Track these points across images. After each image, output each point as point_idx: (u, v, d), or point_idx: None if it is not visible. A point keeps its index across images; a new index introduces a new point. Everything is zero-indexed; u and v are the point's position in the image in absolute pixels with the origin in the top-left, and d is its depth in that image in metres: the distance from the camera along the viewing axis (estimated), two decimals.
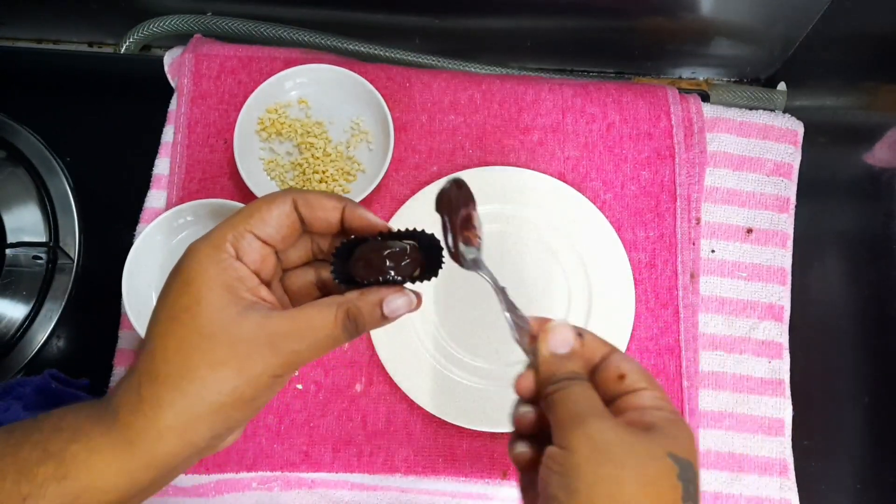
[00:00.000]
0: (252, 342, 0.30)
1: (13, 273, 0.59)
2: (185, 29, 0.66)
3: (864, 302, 0.52)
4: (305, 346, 0.31)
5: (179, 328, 0.30)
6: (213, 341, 0.30)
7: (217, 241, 0.31)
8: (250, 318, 0.30)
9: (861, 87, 0.55)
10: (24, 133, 0.63)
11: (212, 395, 0.30)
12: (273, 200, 0.33)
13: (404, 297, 0.33)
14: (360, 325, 0.32)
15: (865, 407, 0.51)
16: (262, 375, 0.30)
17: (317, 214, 0.33)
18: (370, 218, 0.34)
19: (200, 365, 0.30)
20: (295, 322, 0.31)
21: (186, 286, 0.31)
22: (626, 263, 0.57)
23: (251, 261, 0.32)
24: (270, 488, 0.53)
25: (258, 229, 0.32)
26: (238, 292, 0.31)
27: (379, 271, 0.32)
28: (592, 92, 0.61)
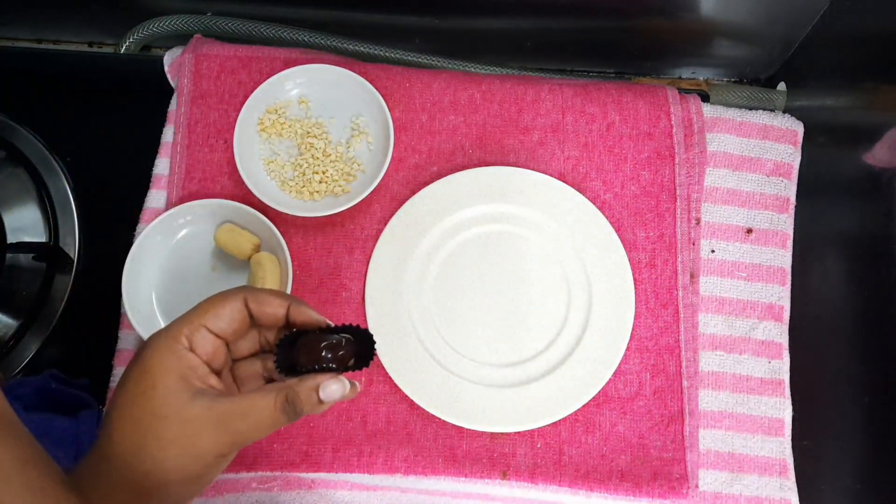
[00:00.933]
0: (201, 423, 0.33)
1: (13, 273, 0.59)
2: (185, 29, 0.66)
3: (863, 302, 0.52)
4: (248, 426, 0.34)
5: (136, 411, 0.33)
6: (165, 422, 0.33)
7: (174, 333, 0.35)
8: (200, 402, 0.34)
9: (861, 87, 0.55)
10: (23, 133, 0.63)
11: (159, 473, 0.33)
12: (226, 298, 0.36)
13: (339, 383, 0.36)
14: (299, 409, 0.35)
15: (865, 407, 0.51)
16: (208, 454, 0.33)
17: (265, 310, 0.37)
18: (312, 315, 0.38)
19: (151, 445, 0.33)
20: (240, 405, 0.34)
21: (144, 373, 0.34)
22: (625, 263, 0.57)
23: (203, 352, 0.35)
24: (270, 488, 0.53)
25: (211, 324, 0.36)
26: (190, 380, 0.34)
27: (317, 360, 0.36)
28: (592, 92, 0.61)
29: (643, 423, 0.54)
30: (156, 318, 0.56)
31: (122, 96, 0.65)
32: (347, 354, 0.37)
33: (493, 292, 0.57)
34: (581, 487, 0.53)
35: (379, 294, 0.56)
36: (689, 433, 0.54)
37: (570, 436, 0.54)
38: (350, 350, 0.37)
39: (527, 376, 0.55)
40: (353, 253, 0.58)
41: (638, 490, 0.53)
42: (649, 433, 0.54)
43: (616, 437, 0.54)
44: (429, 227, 0.58)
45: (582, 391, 0.54)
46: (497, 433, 0.54)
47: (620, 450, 0.54)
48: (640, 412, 0.55)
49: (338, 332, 0.38)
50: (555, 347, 0.56)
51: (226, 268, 0.57)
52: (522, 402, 0.54)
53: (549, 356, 0.55)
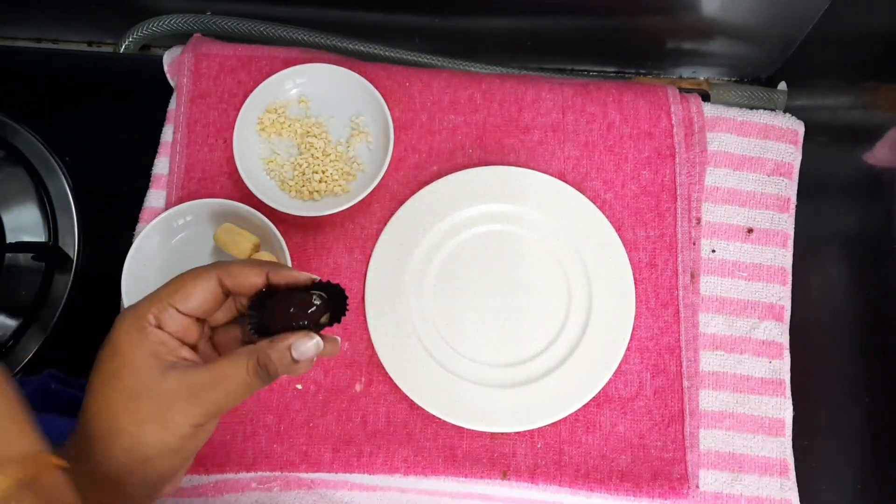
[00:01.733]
0: (173, 396, 0.33)
1: (12, 273, 0.59)
2: (184, 28, 0.66)
3: (864, 302, 0.52)
4: (222, 394, 0.34)
5: (109, 391, 0.34)
6: (138, 400, 0.33)
7: (141, 312, 0.35)
8: (171, 376, 0.34)
9: (862, 87, 0.55)
10: (23, 133, 0.63)
11: (139, 448, 0.33)
12: (197, 278, 0.36)
13: (311, 340, 0.36)
14: (273, 371, 0.35)
15: (866, 407, 0.51)
16: (183, 425, 0.34)
17: (241, 283, 0.36)
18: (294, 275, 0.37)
19: (127, 423, 0.33)
20: (211, 373, 0.34)
21: (114, 354, 0.34)
22: (626, 263, 0.57)
23: (172, 330, 0.35)
24: (270, 488, 0.53)
25: (180, 304, 0.35)
26: (160, 355, 0.34)
27: (290, 319, 0.36)
28: (593, 91, 0.61)
29: (643, 423, 0.54)
30: None
31: (121, 96, 0.65)
32: (320, 311, 0.36)
33: (493, 292, 0.57)
34: (581, 488, 0.53)
35: (379, 294, 0.56)
36: (689, 433, 0.54)
37: (571, 436, 0.54)
38: (321, 307, 0.37)
39: (527, 376, 0.55)
40: (353, 253, 0.58)
41: (638, 490, 0.53)
42: (650, 433, 0.54)
43: (616, 438, 0.54)
44: (429, 227, 0.58)
45: (582, 391, 0.54)
46: (497, 433, 0.54)
47: (621, 450, 0.54)
48: (641, 412, 0.55)
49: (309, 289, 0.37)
50: (555, 347, 0.55)
51: None
52: (522, 402, 0.54)
53: (550, 356, 0.55)
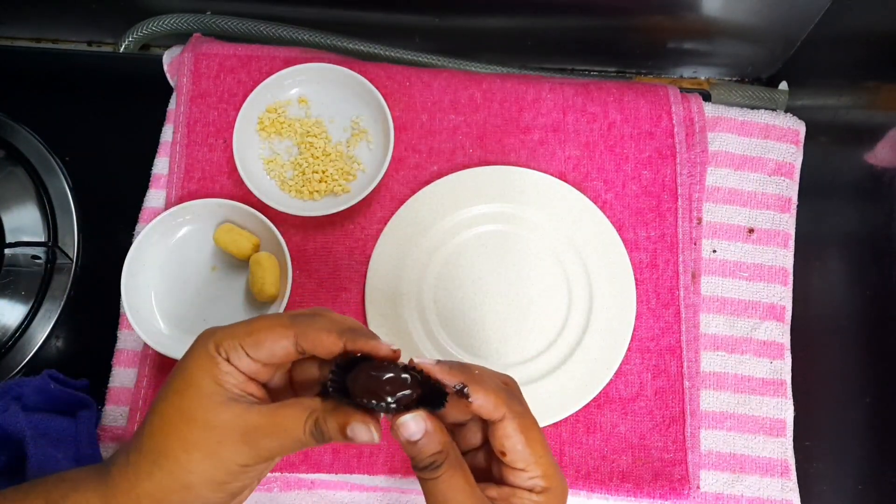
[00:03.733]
0: (227, 431, 0.33)
1: (12, 273, 0.59)
2: (184, 28, 0.66)
3: (865, 302, 0.52)
4: (276, 443, 0.34)
5: (167, 408, 0.34)
6: (191, 425, 0.33)
7: (217, 338, 0.34)
8: (231, 409, 0.33)
9: (863, 87, 0.55)
10: (22, 132, 0.62)
11: (183, 474, 0.33)
12: (272, 330, 0.34)
13: (365, 427, 0.33)
14: (327, 437, 0.34)
15: (867, 407, 0.51)
16: (230, 462, 0.33)
17: (317, 349, 0.35)
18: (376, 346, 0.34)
19: (176, 445, 0.33)
20: (269, 420, 0.34)
21: (182, 370, 0.34)
22: (627, 263, 0.57)
23: (241, 367, 0.34)
24: (270, 489, 0.53)
25: (250, 350, 0.34)
26: (225, 384, 0.34)
27: (374, 393, 0.33)
28: (593, 91, 0.61)
29: (644, 424, 0.54)
30: (155, 317, 0.55)
31: (121, 95, 0.65)
32: (410, 399, 0.33)
33: (493, 292, 0.57)
34: (582, 488, 0.53)
35: (379, 294, 0.56)
36: (690, 434, 0.54)
37: (571, 436, 0.54)
38: (414, 393, 0.33)
39: (527, 376, 0.54)
40: (353, 253, 0.58)
41: (639, 491, 0.53)
42: (650, 434, 0.54)
43: (617, 438, 0.54)
44: (429, 227, 0.58)
45: (583, 392, 0.54)
46: None
47: (621, 450, 0.54)
48: (642, 413, 0.55)
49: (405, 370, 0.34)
50: (555, 348, 0.55)
51: (225, 267, 0.57)
52: None
53: (550, 356, 0.55)
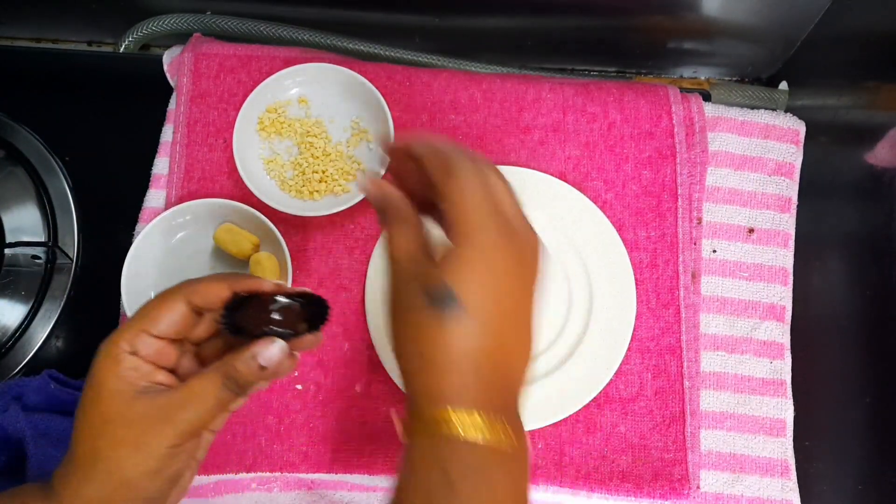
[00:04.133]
0: (145, 420, 0.35)
1: (12, 273, 0.59)
2: (184, 28, 0.66)
3: (865, 302, 0.52)
4: (194, 413, 0.35)
5: (87, 416, 0.35)
6: (113, 425, 0.35)
7: (115, 339, 0.36)
8: (142, 400, 0.35)
9: (863, 87, 0.55)
10: (23, 132, 0.62)
11: (118, 471, 0.34)
12: (163, 301, 0.37)
13: (275, 345, 0.36)
14: (242, 381, 0.35)
15: (867, 407, 0.51)
16: (158, 448, 0.35)
17: (207, 299, 0.37)
18: (256, 283, 0.37)
19: (104, 447, 0.35)
20: (181, 394, 0.35)
21: (91, 381, 0.36)
22: (627, 263, 0.57)
23: (147, 354, 0.36)
24: (270, 489, 0.53)
25: (151, 328, 0.36)
26: (132, 380, 0.35)
27: (263, 323, 0.35)
28: (593, 91, 0.61)
29: (644, 424, 0.54)
30: None
31: (121, 95, 0.65)
32: (296, 318, 0.36)
33: None
34: (582, 488, 0.53)
35: (379, 294, 0.56)
36: (690, 434, 0.54)
37: (571, 436, 0.54)
38: (300, 314, 0.36)
39: None
40: (353, 253, 0.58)
41: (639, 491, 0.53)
42: (650, 434, 0.54)
43: (617, 438, 0.54)
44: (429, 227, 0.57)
45: (583, 392, 0.54)
46: None
47: (621, 450, 0.54)
48: (642, 413, 0.55)
49: (289, 297, 0.36)
50: (556, 348, 0.55)
51: (225, 268, 0.57)
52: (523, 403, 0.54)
53: (550, 356, 0.55)
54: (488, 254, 0.34)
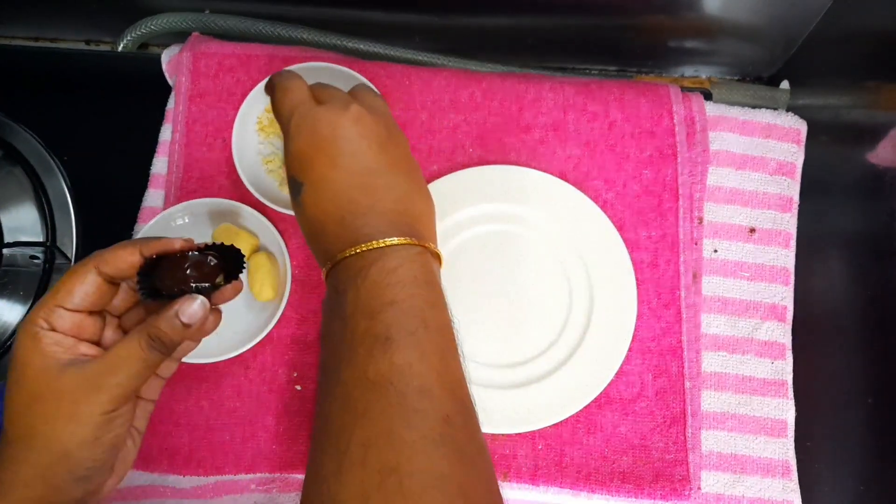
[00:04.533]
0: (75, 390, 0.35)
1: (10, 273, 0.58)
2: (183, 27, 0.66)
3: (867, 302, 0.52)
4: (123, 377, 0.35)
5: (16, 396, 0.35)
6: (42, 400, 0.35)
7: (32, 317, 0.36)
8: (69, 372, 0.35)
9: (865, 86, 0.55)
10: (21, 132, 0.62)
11: (55, 444, 0.35)
12: (74, 273, 0.37)
13: (195, 301, 0.36)
14: (167, 340, 0.36)
15: (869, 408, 0.50)
16: (92, 415, 0.35)
17: (118, 266, 0.37)
18: (168, 243, 0.38)
19: (38, 423, 0.35)
20: (107, 360, 0.35)
21: (14, 363, 0.36)
22: (627, 263, 0.56)
23: (66, 329, 0.36)
24: (269, 490, 0.53)
25: (65, 302, 0.36)
26: (55, 355, 0.35)
27: (180, 281, 0.36)
28: (594, 90, 0.61)
29: (645, 425, 0.54)
30: None
31: (119, 94, 0.65)
32: (212, 271, 0.36)
33: (493, 292, 0.57)
34: (582, 489, 0.53)
35: None
36: (691, 434, 0.54)
37: (572, 437, 0.54)
38: (214, 266, 0.36)
39: (527, 377, 0.54)
40: None
41: (640, 492, 0.53)
42: (651, 434, 0.54)
43: (618, 439, 0.54)
44: None
45: (583, 392, 0.54)
46: (498, 434, 0.53)
47: (622, 451, 0.54)
48: (642, 413, 0.54)
49: (201, 252, 0.37)
50: (556, 348, 0.55)
51: None
52: (523, 404, 0.54)
53: (551, 357, 0.55)
54: (304, 135, 0.42)
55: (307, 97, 0.43)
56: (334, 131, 0.41)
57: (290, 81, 0.44)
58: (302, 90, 0.44)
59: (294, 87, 0.43)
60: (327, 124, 0.41)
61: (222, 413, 0.54)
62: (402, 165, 0.44)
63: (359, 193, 0.41)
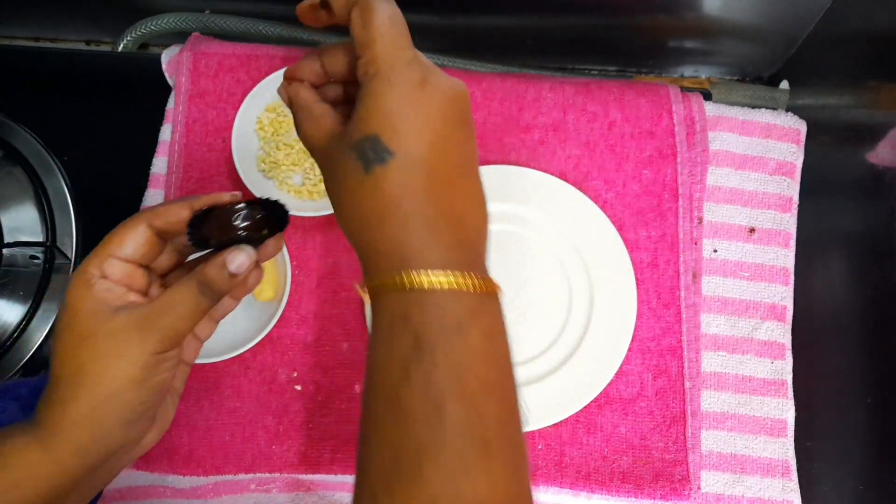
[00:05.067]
0: (126, 329, 0.35)
1: (10, 273, 0.58)
2: (183, 27, 0.66)
3: (867, 302, 0.52)
4: (175, 318, 0.35)
5: (66, 338, 0.35)
6: (93, 339, 0.35)
7: (84, 266, 0.37)
8: (121, 315, 0.35)
9: (864, 86, 0.55)
10: (21, 132, 0.62)
11: (104, 383, 0.35)
12: (126, 225, 0.38)
13: (243, 252, 0.36)
14: (215, 288, 0.36)
15: (868, 408, 0.50)
16: (142, 355, 0.35)
17: (168, 220, 0.37)
18: (217, 196, 0.38)
19: (87, 361, 0.35)
20: (158, 303, 0.36)
21: (65, 308, 0.36)
22: (627, 263, 0.56)
23: (117, 278, 0.37)
24: (269, 490, 0.53)
25: (117, 251, 0.37)
26: (108, 301, 0.36)
27: (226, 231, 0.36)
28: (594, 90, 0.61)
29: (645, 425, 0.54)
30: None
31: (119, 95, 0.65)
32: (258, 223, 0.37)
33: None
34: (582, 489, 0.53)
35: None
36: (691, 434, 0.54)
37: (572, 437, 0.54)
38: (259, 218, 0.37)
39: (527, 377, 0.54)
40: (353, 252, 0.57)
41: (640, 491, 0.53)
42: (651, 434, 0.54)
43: (618, 439, 0.54)
44: None
45: (583, 392, 0.54)
46: None
47: (622, 451, 0.54)
48: (642, 413, 0.54)
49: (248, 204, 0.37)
50: (556, 348, 0.55)
51: None
52: (523, 403, 0.53)
53: (551, 357, 0.55)
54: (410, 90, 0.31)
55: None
56: (463, 103, 0.33)
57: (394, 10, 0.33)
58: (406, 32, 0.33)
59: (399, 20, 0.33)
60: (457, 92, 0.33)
61: (222, 413, 0.54)
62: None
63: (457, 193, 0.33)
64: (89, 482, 0.37)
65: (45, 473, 0.35)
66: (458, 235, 0.32)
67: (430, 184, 0.31)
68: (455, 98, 0.32)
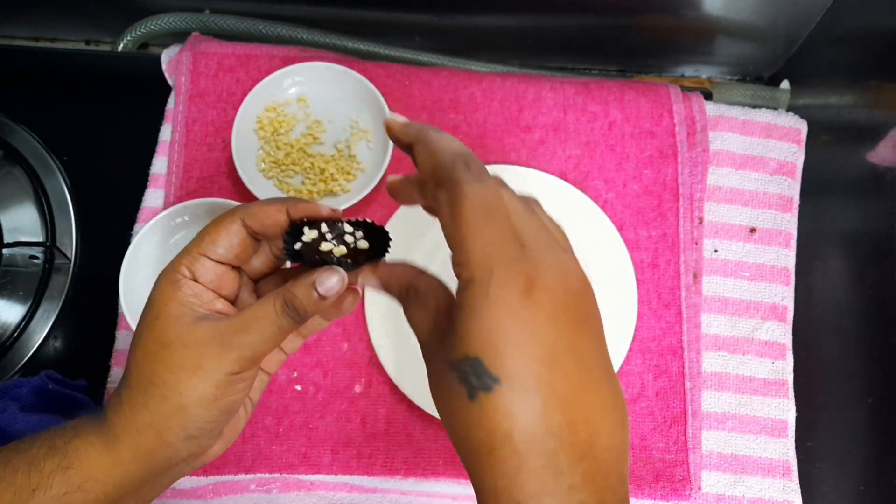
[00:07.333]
0: (204, 344, 0.34)
1: (10, 273, 0.58)
2: (182, 27, 0.66)
3: (867, 302, 0.52)
4: (254, 337, 0.34)
5: (145, 341, 0.34)
6: (170, 349, 0.34)
7: (174, 265, 0.35)
8: (202, 325, 0.34)
9: (865, 86, 0.55)
10: (20, 132, 0.62)
11: (174, 396, 0.33)
12: (220, 223, 0.36)
13: (336, 275, 0.34)
14: (301, 308, 0.34)
15: (869, 408, 0.50)
16: (217, 373, 0.33)
17: (263, 222, 0.36)
18: (316, 208, 0.36)
19: (162, 370, 0.34)
20: (241, 318, 0.34)
21: (150, 306, 0.35)
22: (628, 263, 0.56)
23: (207, 280, 0.35)
24: (269, 490, 0.53)
25: (209, 252, 0.35)
26: (192, 306, 0.35)
27: (322, 251, 0.34)
28: (594, 90, 0.61)
29: (645, 425, 0.54)
30: None
31: (119, 95, 0.65)
32: (358, 249, 0.34)
33: None
34: None
35: (379, 295, 0.56)
36: (691, 434, 0.54)
37: None
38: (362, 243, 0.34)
39: None
40: None
41: (640, 492, 0.52)
42: (652, 435, 0.54)
43: None
44: (429, 227, 0.57)
45: None
46: None
47: None
48: (643, 413, 0.54)
49: (351, 225, 0.35)
50: None
51: None
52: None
53: None
54: (512, 301, 0.27)
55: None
56: (578, 301, 0.29)
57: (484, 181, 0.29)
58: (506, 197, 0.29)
59: (496, 208, 0.28)
60: (572, 289, 0.28)
61: None
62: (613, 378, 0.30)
63: (582, 411, 0.27)
64: (150, 487, 0.36)
65: (108, 478, 0.34)
66: (584, 466, 0.27)
67: (546, 409, 0.26)
68: (569, 297, 0.28)
